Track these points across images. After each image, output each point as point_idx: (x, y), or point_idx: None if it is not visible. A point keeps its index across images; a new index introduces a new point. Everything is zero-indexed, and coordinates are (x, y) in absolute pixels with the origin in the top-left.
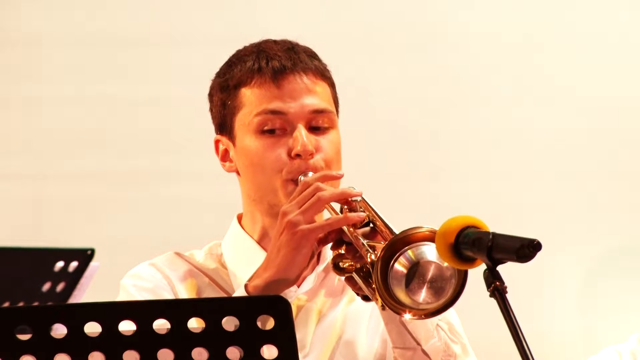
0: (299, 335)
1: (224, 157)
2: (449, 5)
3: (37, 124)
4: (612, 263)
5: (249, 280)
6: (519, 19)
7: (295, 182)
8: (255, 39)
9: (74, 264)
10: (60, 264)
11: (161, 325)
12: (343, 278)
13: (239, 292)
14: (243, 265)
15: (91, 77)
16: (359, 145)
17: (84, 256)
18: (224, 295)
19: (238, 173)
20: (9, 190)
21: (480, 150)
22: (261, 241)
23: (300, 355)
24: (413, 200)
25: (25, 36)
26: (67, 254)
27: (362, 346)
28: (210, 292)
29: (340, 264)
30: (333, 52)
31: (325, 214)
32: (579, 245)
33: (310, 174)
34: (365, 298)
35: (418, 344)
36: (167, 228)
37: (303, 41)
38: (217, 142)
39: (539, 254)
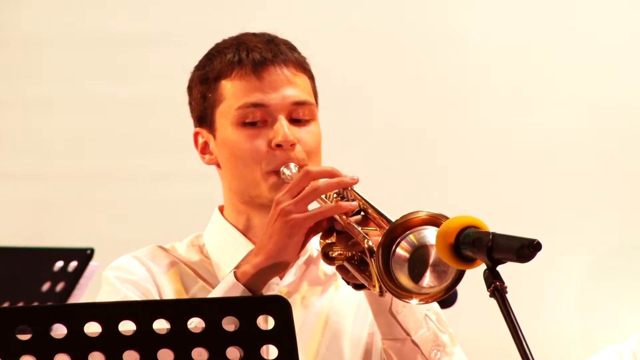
0: None
1: (204, 149)
2: (449, 6)
3: (37, 124)
4: (612, 263)
5: (237, 266)
6: (519, 19)
7: (276, 173)
8: None
9: (73, 264)
10: (59, 264)
11: (161, 325)
12: (334, 268)
13: (227, 278)
14: (228, 256)
15: (91, 77)
16: (358, 145)
17: (84, 256)
18: (208, 287)
19: (218, 166)
20: (9, 190)
21: (480, 150)
22: (246, 233)
23: None
24: (413, 200)
25: (25, 36)
26: (67, 254)
27: (350, 337)
28: (194, 284)
29: (330, 253)
30: (334, 52)
31: (315, 204)
32: (579, 245)
33: (292, 165)
34: (357, 286)
35: (408, 334)
36: (167, 228)
37: (304, 41)
38: (196, 134)
39: (539, 254)
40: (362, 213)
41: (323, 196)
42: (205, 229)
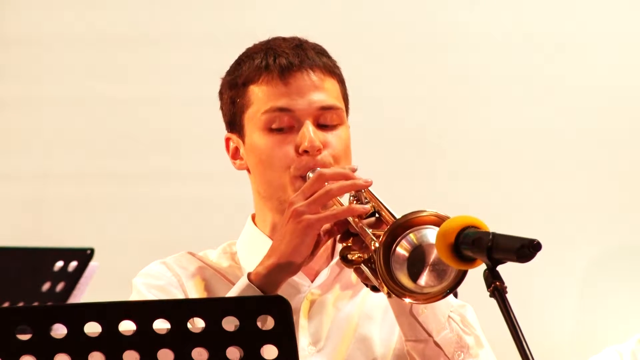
0: (313, 329)
1: (235, 155)
2: (450, 5)
3: (37, 124)
4: (612, 263)
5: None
6: (519, 20)
7: (303, 178)
8: (256, 39)
9: (73, 264)
10: (59, 264)
11: (161, 325)
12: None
13: (241, 280)
14: (256, 261)
15: (91, 77)
16: (360, 144)
17: (84, 256)
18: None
19: (249, 170)
20: (9, 190)
21: (480, 151)
22: (272, 237)
23: (315, 348)
24: (413, 200)
25: (25, 36)
26: (67, 254)
27: (379, 341)
28: (220, 286)
29: (349, 256)
30: (336, 52)
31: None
32: (579, 245)
33: (319, 169)
34: (374, 289)
35: (430, 335)
36: (167, 228)
37: None
38: (227, 140)
39: (539, 254)
40: (377, 215)
41: (342, 200)
42: (239, 237)
